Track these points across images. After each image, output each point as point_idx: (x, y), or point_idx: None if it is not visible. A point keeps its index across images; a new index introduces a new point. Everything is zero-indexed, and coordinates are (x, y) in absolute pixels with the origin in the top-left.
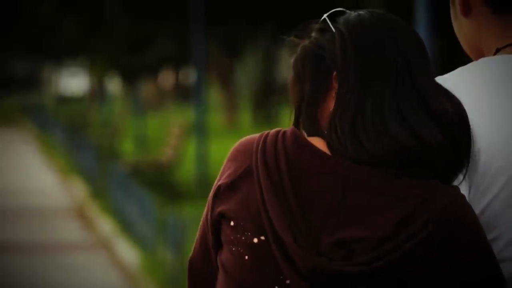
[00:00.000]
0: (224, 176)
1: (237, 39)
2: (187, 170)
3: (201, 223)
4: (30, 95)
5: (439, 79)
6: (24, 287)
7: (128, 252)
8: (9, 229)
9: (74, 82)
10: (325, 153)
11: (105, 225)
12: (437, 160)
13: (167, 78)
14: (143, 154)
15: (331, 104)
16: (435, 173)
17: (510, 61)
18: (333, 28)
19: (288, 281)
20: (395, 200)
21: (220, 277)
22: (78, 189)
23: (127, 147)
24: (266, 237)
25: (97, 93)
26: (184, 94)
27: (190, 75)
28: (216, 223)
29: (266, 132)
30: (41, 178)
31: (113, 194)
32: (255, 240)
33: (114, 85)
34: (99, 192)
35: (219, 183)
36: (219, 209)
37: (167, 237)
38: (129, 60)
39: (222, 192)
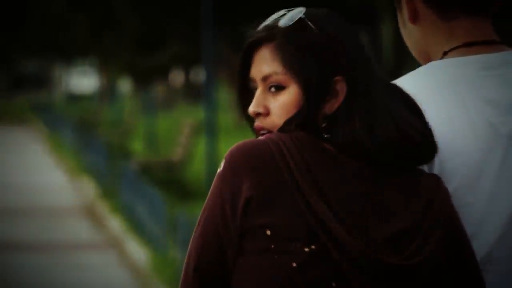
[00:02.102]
0: (246, 188)
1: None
2: (197, 169)
3: (207, 230)
4: (39, 94)
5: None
6: (33, 286)
7: (138, 251)
8: (18, 228)
9: (84, 81)
10: (343, 156)
11: (115, 224)
12: (428, 153)
13: (177, 78)
14: (153, 153)
15: (327, 107)
16: (420, 165)
17: (456, 63)
18: (314, 27)
19: (334, 284)
20: (412, 193)
21: (248, 282)
22: (88, 188)
23: (137, 146)
24: (318, 245)
25: (107, 92)
26: (195, 94)
27: (200, 75)
28: (244, 232)
29: (273, 139)
30: (51, 177)
31: (123, 193)
32: (306, 249)
33: (124, 84)
34: (109, 191)
35: (247, 196)
36: (253, 222)
37: (177, 236)
38: (140, 59)
39: (256, 206)
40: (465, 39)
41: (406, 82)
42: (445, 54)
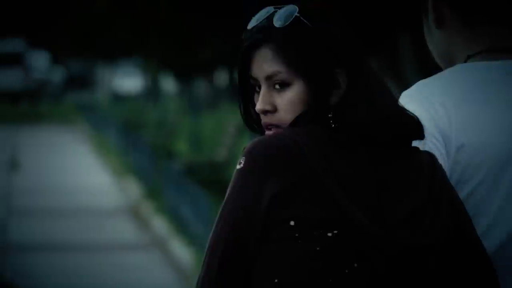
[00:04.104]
0: (270, 185)
1: None
2: None
3: (231, 225)
4: (84, 94)
5: (420, 83)
6: (79, 286)
7: (182, 252)
8: (63, 229)
9: (128, 81)
10: (353, 143)
11: (160, 224)
12: (419, 128)
13: (222, 77)
14: (197, 153)
15: (332, 99)
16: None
17: (482, 67)
18: (309, 24)
19: (356, 265)
20: (418, 171)
21: (272, 268)
22: (133, 189)
23: (182, 147)
24: (339, 230)
25: (152, 92)
26: None
27: None
28: (268, 224)
29: (288, 134)
30: (96, 178)
31: (167, 194)
32: (329, 234)
33: (168, 84)
34: (153, 192)
35: (271, 192)
36: (277, 216)
37: None
38: (183, 59)
39: (279, 201)
40: (488, 45)
41: (436, 81)
42: (468, 58)
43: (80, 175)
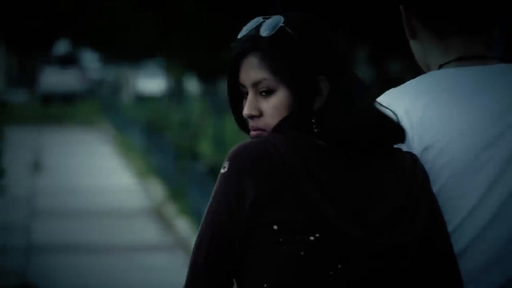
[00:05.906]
0: (251, 190)
1: None
2: None
3: (215, 226)
4: (107, 95)
5: (389, 92)
6: (101, 287)
7: None
8: (87, 230)
9: (151, 82)
10: (334, 148)
11: (183, 225)
12: (401, 132)
13: None
14: (221, 155)
15: (315, 105)
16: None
17: (452, 72)
18: (294, 34)
19: (339, 266)
20: (399, 173)
21: (260, 272)
22: (156, 190)
23: (205, 148)
24: (321, 234)
25: (175, 93)
26: None
27: None
28: (252, 229)
29: (270, 140)
30: (119, 179)
31: (191, 195)
32: (311, 238)
33: (192, 85)
34: (177, 193)
35: (252, 197)
36: (260, 220)
37: None
38: (207, 60)
39: (261, 206)
40: (459, 54)
41: (404, 89)
42: (440, 66)
43: (103, 176)
